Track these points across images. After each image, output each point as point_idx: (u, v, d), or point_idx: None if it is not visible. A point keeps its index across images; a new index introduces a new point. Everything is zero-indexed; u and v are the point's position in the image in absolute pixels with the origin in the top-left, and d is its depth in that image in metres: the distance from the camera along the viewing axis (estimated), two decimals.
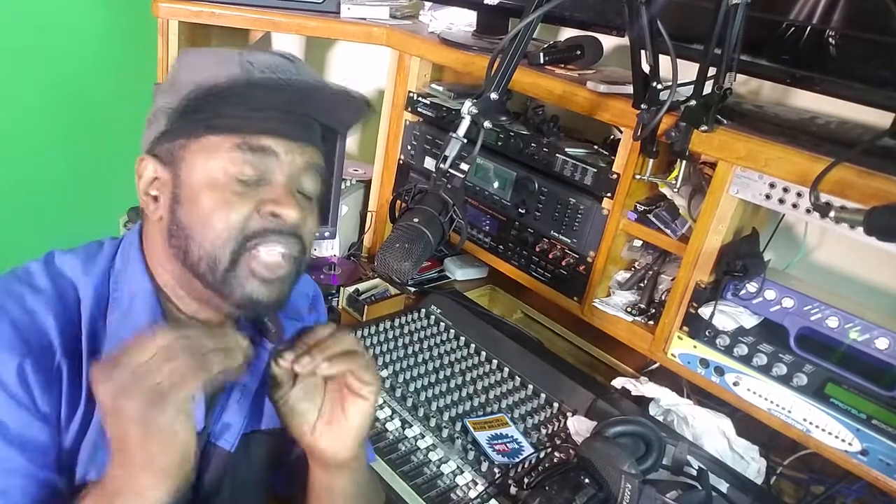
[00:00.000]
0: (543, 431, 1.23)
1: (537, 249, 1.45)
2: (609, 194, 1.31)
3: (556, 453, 1.17)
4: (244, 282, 0.75)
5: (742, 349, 1.14)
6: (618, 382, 1.30)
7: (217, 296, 0.76)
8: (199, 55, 0.78)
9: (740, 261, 1.13)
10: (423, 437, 1.18)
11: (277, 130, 0.75)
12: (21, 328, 0.71)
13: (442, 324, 1.51)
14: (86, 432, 0.74)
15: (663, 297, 1.31)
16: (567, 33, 1.58)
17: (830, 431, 1.06)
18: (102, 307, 0.77)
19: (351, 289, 1.59)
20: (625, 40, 1.21)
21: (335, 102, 0.80)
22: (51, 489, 0.72)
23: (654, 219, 1.26)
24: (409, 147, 1.69)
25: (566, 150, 1.39)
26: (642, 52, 1.09)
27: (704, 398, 1.29)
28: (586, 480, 0.97)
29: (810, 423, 1.08)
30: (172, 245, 0.76)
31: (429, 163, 1.63)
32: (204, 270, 0.75)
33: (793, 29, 1.13)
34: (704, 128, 1.11)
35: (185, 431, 0.64)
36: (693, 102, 1.10)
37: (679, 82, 1.08)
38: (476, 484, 1.10)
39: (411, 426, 1.20)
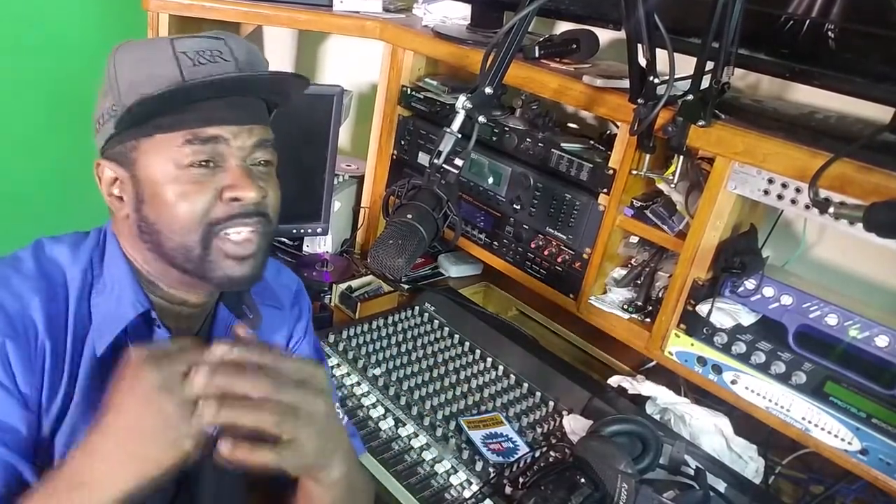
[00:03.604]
0: (539, 430, 1.22)
1: (532, 246, 1.44)
2: (605, 190, 1.29)
3: (552, 452, 1.16)
4: (221, 264, 0.79)
5: (740, 347, 1.13)
6: (614, 381, 1.29)
7: (197, 280, 0.81)
8: (132, 51, 0.79)
9: (738, 257, 1.12)
10: (416, 436, 1.17)
11: (223, 118, 0.77)
12: (5, 308, 0.73)
13: (436, 321, 1.50)
14: (65, 416, 0.75)
15: (660, 295, 1.29)
16: (563, 27, 1.57)
17: (830, 430, 1.06)
18: (87, 290, 0.80)
19: (343, 285, 1.57)
20: (621, 34, 1.20)
21: (268, 79, 0.83)
22: (13, 474, 0.71)
23: (650, 215, 1.25)
24: (402, 142, 1.67)
25: (562, 145, 1.37)
26: (639, 45, 1.08)
27: (702, 397, 1.28)
28: (582, 480, 0.96)
29: (809, 422, 1.07)
30: (144, 240, 0.80)
31: (422, 158, 1.61)
32: (180, 260, 0.79)
33: (791, 22, 1.12)
34: (702, 123, 1.09)
35: (194, 448, 0.63)
36: (690, 97, 1.08)
37: (676, 76, 1.06)
38: (470, 483, 1.09)
39: (405, 425, 1.19)
